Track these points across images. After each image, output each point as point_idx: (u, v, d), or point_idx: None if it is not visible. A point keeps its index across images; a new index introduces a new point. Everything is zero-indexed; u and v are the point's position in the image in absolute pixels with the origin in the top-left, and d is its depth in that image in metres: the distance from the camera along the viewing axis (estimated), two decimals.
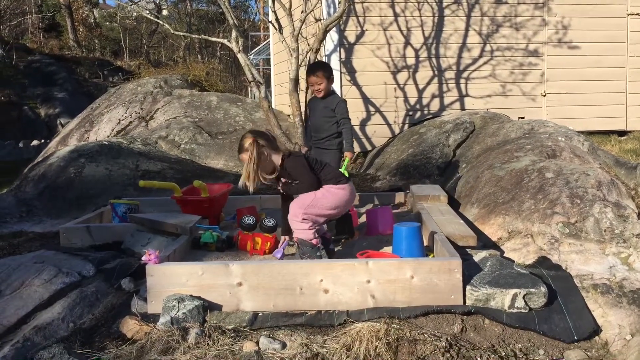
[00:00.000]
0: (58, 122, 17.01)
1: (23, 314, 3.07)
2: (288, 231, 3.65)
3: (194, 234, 3.98)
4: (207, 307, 3.05)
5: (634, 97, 8.01)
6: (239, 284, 3.09)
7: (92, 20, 27.05)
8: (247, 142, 3.40)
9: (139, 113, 9.10)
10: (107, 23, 28.52)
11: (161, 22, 9.63)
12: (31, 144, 14.75)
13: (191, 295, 3.06)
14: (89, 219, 4.56)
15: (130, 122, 8.96)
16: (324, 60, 6.67)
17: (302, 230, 3.42)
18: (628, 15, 7.90)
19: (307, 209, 3.40)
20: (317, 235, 3.44)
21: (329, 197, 3.44)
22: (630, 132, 8.00)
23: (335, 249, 3.80)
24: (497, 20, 7.62)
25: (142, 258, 3.18)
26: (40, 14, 25.81)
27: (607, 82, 7.92)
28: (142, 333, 2.87)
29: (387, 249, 3.73)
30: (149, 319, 3.01)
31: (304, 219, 3.40)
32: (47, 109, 17.68)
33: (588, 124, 7.68)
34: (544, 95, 7.79)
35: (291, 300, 3.08)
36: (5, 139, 14.95)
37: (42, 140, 14.78)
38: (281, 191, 3.65)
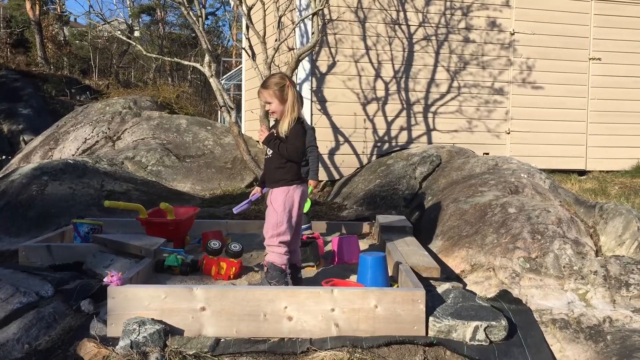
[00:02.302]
0: (21, 138, 16.67)
1: None
2: (263, 183, 3.67)
3: (158, 257, 3.93)
4: (169, 331, 3.00)
5: (594, 138, 8.28)
6: (202, 308, 3.06)
7: (62, 38, 26.80)
8: (285, 82, 3.40)
9: (106, 133, 9.00)
10: (77, 41, 28.27)
11: (133, 43, 9.60)
12: None
13: (153, 319, 3.01)
14: (49, 238, 4.46)
15: (97, 141, 8.85)
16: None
17: (277, 254, 3.44)
18: (590, 59, 8.22)
19: (279, 228, 3.40)
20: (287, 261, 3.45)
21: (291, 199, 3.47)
22: (589, 171, 8.25)
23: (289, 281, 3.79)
24: (465, 58, 7.83)
25: (104, 279, 3.13)
26: (8, 29, 25.46)
27: (569, 123, 8.18)
28: (100, 356, 2.80)
29: (353, 278, 3.75)
30: (108, 342, 2.95)
31: (280, 242, 3.42)
32: (10, 125, 17.33)
33: (550, 162, 7.90)
34: (508, 133, 8.00)
35: (254, 326, 3.06)
36: None
37: (4, 157, 14.43)
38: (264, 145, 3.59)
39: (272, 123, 4.69)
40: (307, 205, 4.81)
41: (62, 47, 25.46)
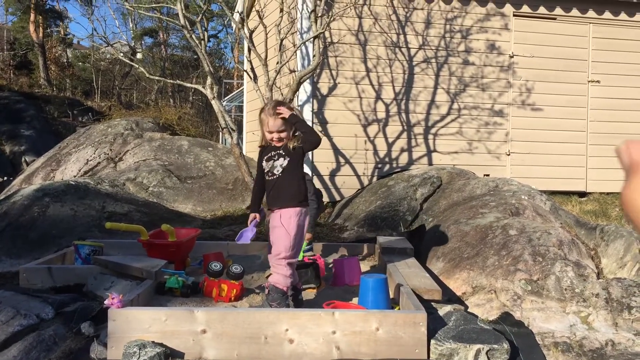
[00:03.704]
0: (23, 159, 16.71)
1: None
2: (258, 207, 3.64)
3: (159, 279, 3.93)
4: (170, 354, 2.99)
5: (593, 160, 8.31)
6: (203, 331, 3.05)
7: (65, 60, 27.04)
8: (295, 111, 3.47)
9: (107, 154, 9.03)
10: (80, 63, 28.52)
11: (136, 66, 9.70)
12: None
13: (153, 342, 3.00)
14: (50, 259, 4.46)
15: (99, 162, 8.88)
16: None
17: (283, 276, 3.39)
18: (589, 82, 8.28)
19: (291, 250, 3.39)
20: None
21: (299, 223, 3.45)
22: (590, 193, 8.25)
23: (291, 303, 3.79)
24: (465, 80, 7.89)
25: (105, 301, 3.12)
26: (12, 51, 25.69)
27: (569, 145, 8.22)
28: None
29: (354, 300, 3.74)
30: None
31: (288, 264, 3.40)
32: (12, 146, 17.39)
33: (550, 183, 7.91)
34: (508, 154, 8.02)
35: (255, 349, 3.05)
36: None
37: (5, 178, 14.46)
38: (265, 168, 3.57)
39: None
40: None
41: (65, 69, 25.68)
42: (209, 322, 3.06)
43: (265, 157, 3.54)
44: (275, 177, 3.49)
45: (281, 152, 3.48)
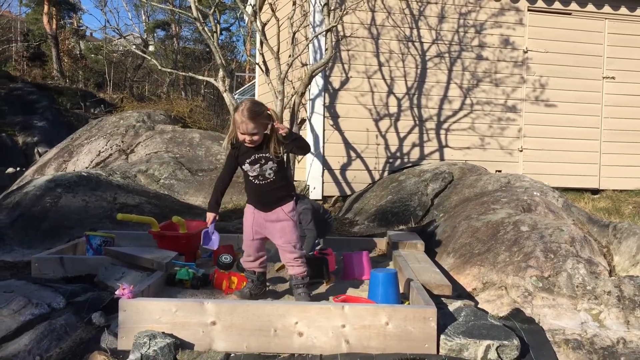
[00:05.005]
0: (36, 150, 16.84)
1: None
2: (216, 207, 3.67)
3: (169, 270, 3.94)
4: (179, 345, 3.01)
5: (607, 157, 8.23)
6: (212, 322, 3.06)
7: (78, 52, 27.16)
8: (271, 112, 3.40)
9: (119, 146, 9.07)
10: (93, 55, 28.64)
11: (148, 58, 9.71)
12: (6, 172, 14.54)
13: (163, 333, 3.01)
14: (62, 250, 4.49)
15: (111, 154, 8.92)
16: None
17: (297, 266, 3.57)
18: (603, 78, 8.19)
19: (297, 242, 3.56)
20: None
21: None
22: (603, 190, 8.18)
23: (312, 293, 3.80)
24: (478, 75, 7.84)
25: (116, 292, 3.14)
26: (25, 42, 25.85)
27: (582, 141, 8.15)
28: None
29: (363, 294, 3.73)
30: (119, 355, 2.95)
31: (302, 260, 3.57)
32: (25, 137, 17.52)
33: (562, 180, 7.85)
34: (521, 151, 7.97)
35: (265, 341, 3.05)
36: None
37: (18, 169, 14.59)
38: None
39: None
40: None
41: (78, 61, 25.81)
42: (219, 313, 3.06)
43: (248, 161, 3.46)
44: (268, 180, 3.50)
45: (268, 155, 3.44)
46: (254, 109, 3.35)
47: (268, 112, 3.38)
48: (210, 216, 3.67)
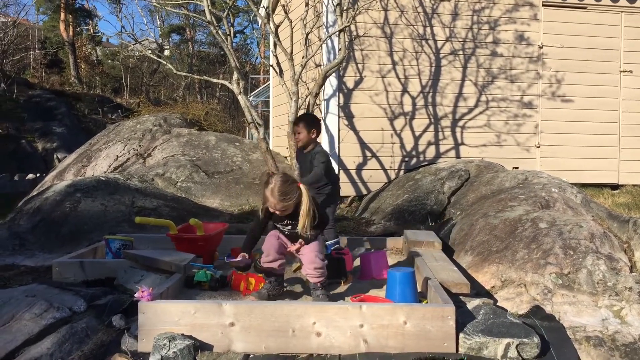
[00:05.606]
0: (55, 156, 17.06)
1: (12, 348, 3.03)
2: (249, 249, 3.77)
3: (187, 272, 3.97)
4: (199, 347, 3.02)
5: (626, 151, 8.13)
6: (231, 324, 3.07)
7: (95, 58, 27.46)
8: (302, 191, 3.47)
9: (137, 150, 9.15)
10: (109, 61, 28.93)
11: (163, 62, 9.78)
12: (26, 178, 14.74)
13: (182, 334, 3.04)
14: (82, 254, 4.54)
15: (128, 158, 9.00)
16: (314, 113, 6.72)
17: (317, 276, 3.58)
18: (620, 72, 8.10)
19: (321, 255, 3.59)
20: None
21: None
22: (622, 186, 8.08)
23: (330, 293, 3.80)
24: (493, 72, 7.79)
25: (135, 295, 3.17)
26: (43, 50, 26.18)
27: (600, 136, 8.05)
28: None
29: (381, 294, 3.73)
30: (139, 357, 2.98)
31: (321, 267, 3.58)
32: (44, 143, 17.76)
33: (581, 176, 7.77)
34: (538, 147, 7.90)
35: (283, 342, 3.06)
36: (0, 171, 14.95)
37: (38, 174, 14.79)
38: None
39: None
40: None
41: (95, 67, 26.10)
42: (237, 315, 3.08)
43: (281, 224, 3.64)
44: (290, 233, 3.66)
45: (299, 234, 3.56)
46: (283, 189, 3.42)
47: (298, 186, 3.47)
48: (241, 254, 3.76)
